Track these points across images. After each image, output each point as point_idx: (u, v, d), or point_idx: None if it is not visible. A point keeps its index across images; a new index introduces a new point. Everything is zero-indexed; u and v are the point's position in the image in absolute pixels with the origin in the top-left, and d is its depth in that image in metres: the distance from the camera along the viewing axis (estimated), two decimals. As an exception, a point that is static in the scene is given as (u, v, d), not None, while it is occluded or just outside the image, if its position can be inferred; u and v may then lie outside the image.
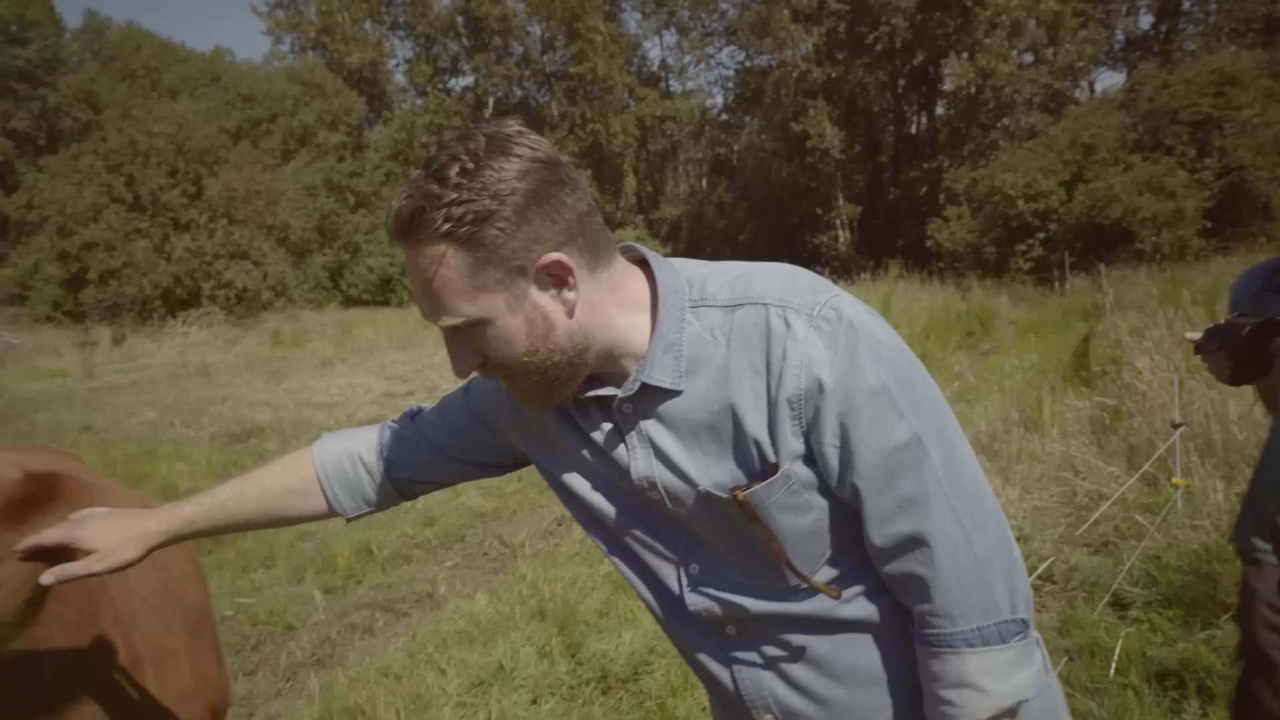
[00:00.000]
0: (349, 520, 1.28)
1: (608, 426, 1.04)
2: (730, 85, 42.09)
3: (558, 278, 0.93)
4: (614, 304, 0.98)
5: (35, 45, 33.84)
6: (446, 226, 0.87)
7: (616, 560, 1.14)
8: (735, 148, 45.32)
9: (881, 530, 0.93)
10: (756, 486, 0.93)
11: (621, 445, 1.03)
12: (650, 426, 1.00)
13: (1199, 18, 31.50)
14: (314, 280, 33.61)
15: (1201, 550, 3.65)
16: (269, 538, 5.36)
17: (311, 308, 30.22)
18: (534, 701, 3.05)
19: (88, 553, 1.13)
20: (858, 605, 1.00)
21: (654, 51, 42.45)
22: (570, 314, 0.95)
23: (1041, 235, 22.06)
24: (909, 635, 0.98)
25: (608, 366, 1.01)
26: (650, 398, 0.98)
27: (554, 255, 0.92)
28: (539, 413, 1.02)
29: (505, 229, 0.89)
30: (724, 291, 0.97)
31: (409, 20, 41.03)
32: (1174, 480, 4.08)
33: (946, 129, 33.52)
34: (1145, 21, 34.06)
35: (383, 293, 35.77)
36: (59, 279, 25.44)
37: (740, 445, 0.95)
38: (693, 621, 1.08)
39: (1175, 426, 4.20)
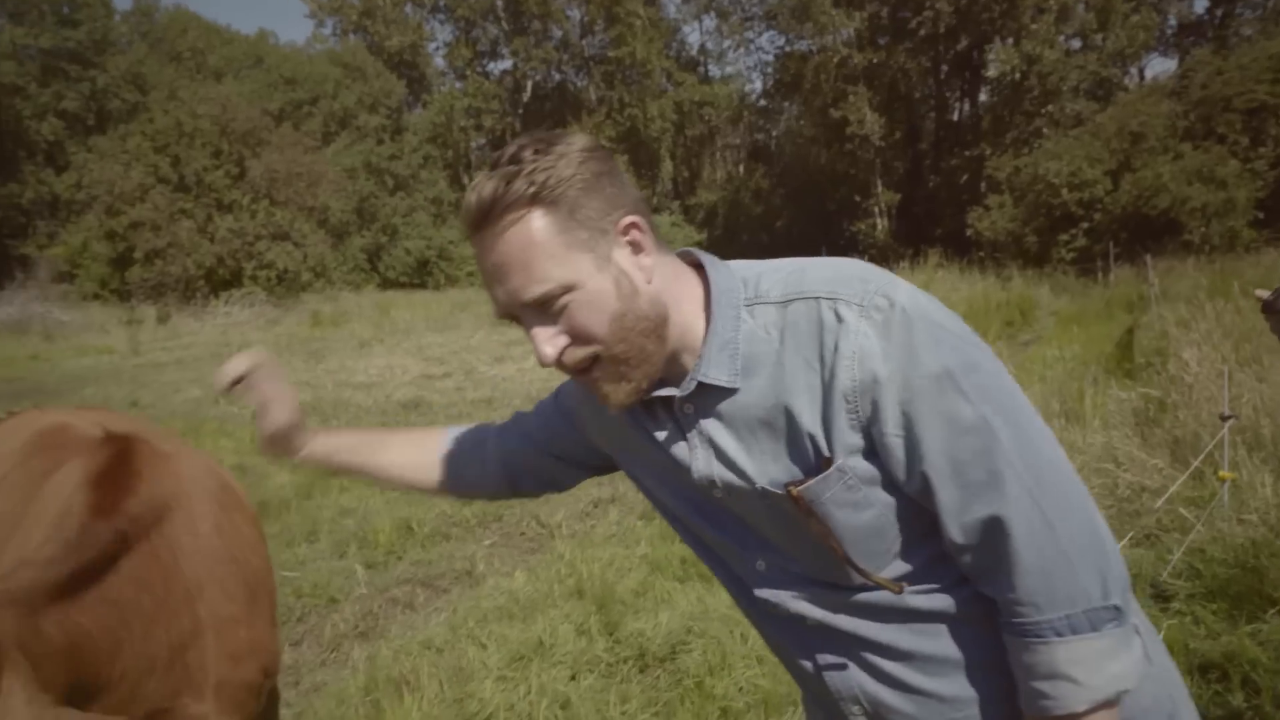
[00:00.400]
0: (459, 499, 1.36)
1: (672, 428, 1.05)
2: (769, 70, 41.72)
3: (634, 244, 0.95)
4: (677, 289, 0.99)
5: (86, 27, 34.48)
6: (532, 190, 0.90)
7: (700, 554, 1.16)
8: (773, 134, 44.98)
9: (957, 520, 0.90)
10: (810, 482, 0.92)
11: (684, 445, 1.04)
12: (710, 425, 1.00)
13: (1257, 2, 30.54)
14: (352, 262, 34.03)
15: (1248, 544, 3.59)
16: (312, 513, 5.48)
17: (350, 289, 30.63)
18: (573, 677, 3.09)
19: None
20: (933, 598, 0.97)
21: (693, 36, 42.22)
22: (649, 280, 0.96)
23: (1085, 225, 21.63)
24: (994, 623, 0.95)
25: (670, 365, 1.01)
26: (708, 396, 0.99)
27: (631, 218, 0.95)
28: (617, 408, 1.00)
29: (585, 190, 0.92)
30: (777, 288, 0.96)
31: (449, 4, 41.18)
32: (1221, 474, 4.01)
33: (989, 116, 32.93)
34: (1200, 6, 33.18)
35: (419, 275, 36.11)
36: (106, 258, 26.06)
37: (795, 441, 0.94)
38: (770, 616, 1.08)
39: (1224, 419, 4.12)
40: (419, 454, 1.34)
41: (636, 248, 0.96)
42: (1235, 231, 19.26)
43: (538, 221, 0.90)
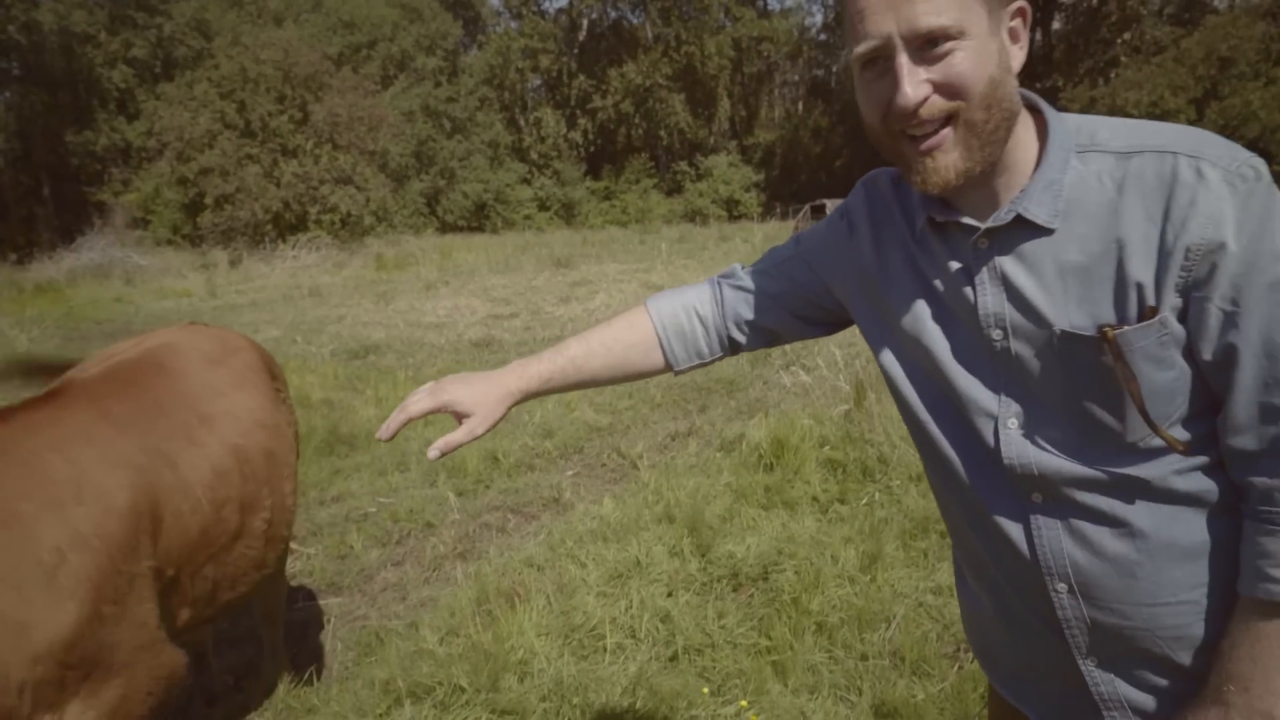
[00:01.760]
0: (678, 373, 1.33)
1: (955, 265, 1.04)
2: (830, 3, 40.37)
3: (1015, 32, 0.96)
4: (1020, 107, 0.99)
5: (151, -27, 34.92)
6: None
7: (926, 415, 1.12)
8: (834, 69, 43.75)
9: (1249, 398, 0.90)
10: (1129, 328, 0.92)
11: (969, 284, 1.03)
12: (1007, 264, 0.99)
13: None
14: (412, 206, 34.36)
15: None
16: (400, 444, 5.69)
17: (410, 233, 31.00)
18: (669, 594, 3.22)
19: (459, 417, 1.21)
20: (1194, 479, 0.96)
21: (752, -33, 40.86)
22: (1015, 72, 0.96)
23: (1167, 158, 20.72)
24: (1230, 516, 0.95)
25: (982, 190, 1.01)
26: (1015, 234, 0.98)
27: (1024, 3, 0.96)
28: (939, 186, 0.97)
29: None
30: (1118, 139, 0.96)
31: (504, -60, 40.62)
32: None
33: (1063, 45, 31.51)
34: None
35: (477, 219, 36.35)
36: (178, 203, 26.75)
37: (1119, 287, 0.93)
38: (999, 481, 1.05)
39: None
40: (629, 350, 1.31)
41: (1015, 36, 0.96)
42: (1329, 163, 18.29)
43: None
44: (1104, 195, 0.94)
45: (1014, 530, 1.05)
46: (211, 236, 25.27)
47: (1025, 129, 1.00)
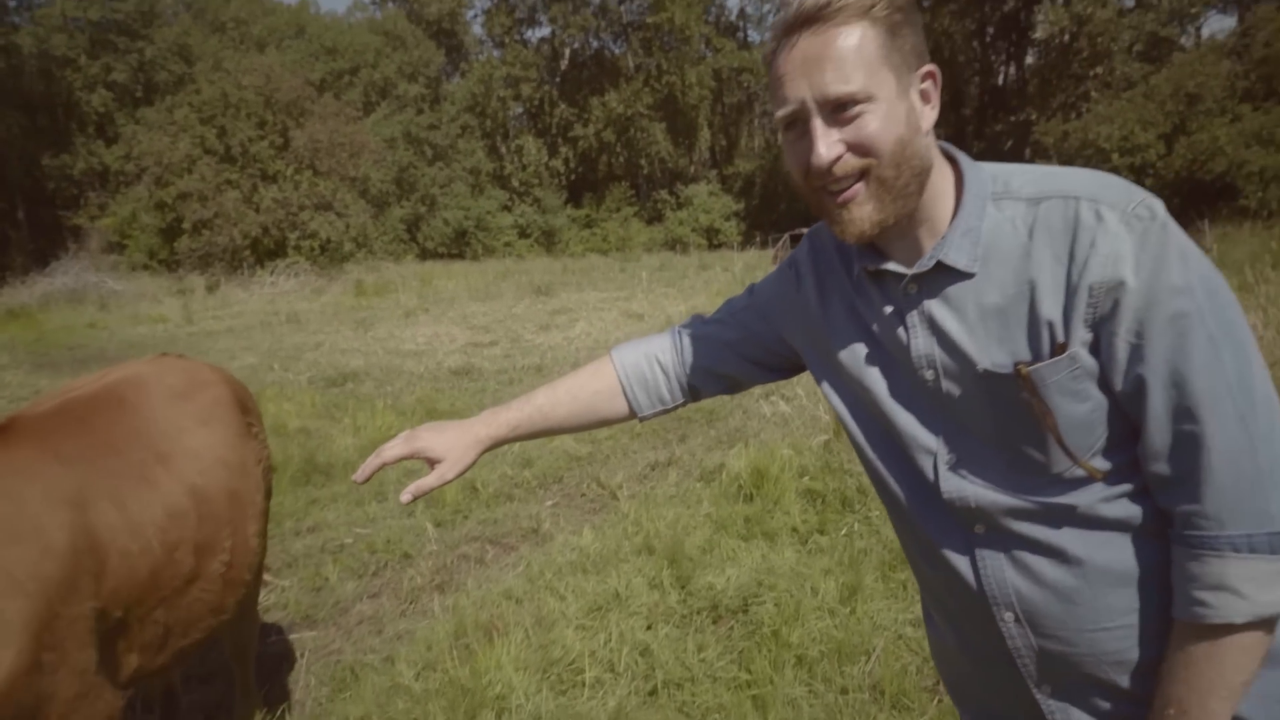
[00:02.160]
0: (642, 419, 1.39)
1: (888, 310, 1.10)
2: (809, 34, 40.94)
3: (926, 93, 1.03)
4: (936, 160, 1.06)
5: (133, 0, 34.92)
6: (879, 8, 0.97)
7: (873, 455, 1.18)
8: (813, 100, 44.26)
9: (1161, 427, 0.94)
10: (1041, 364, 0.97)
11: (901, 326, 1.09)
12: (934, 307, 1.05)
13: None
14: (392, 232, 34.34)
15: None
16: (378, 474, 5.62)
17: (390, 259, 30.95)
18: (649, 627, 3.20)
19: (431, 463, 1.27)
20: (1120, 505, 1.00)
21: (732, 1, 41.49)
22: (927, 131, 1.02)
23: (1137, 190, 21.14)
24: (1165, 541, 0.98)
25: (905, 239, 1.07)
26: (939, 279, 1.04)
27: (932, 67, 1.03)
28: (856, 237, 1.04)
29: (905, 23, 1.00)
30: (1029, 186, 1.02)
31: (486, -29, 41.02)
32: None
33: (1036, 79, 32.18)
34: (1260, -38, 31.85)
35: (458, 246, 36.36)
36: (155, 228, 26.59)
37: (1032, 326, 0.98)
38: (941, 517, 1.10)
39: (1295, 383, 4.09)
40: (595, 397, 1.38)
41: (926, 97, 1.03)
42: (1294, 197, 18.72)
43: (865, 32, 0.97)
44: (1017, 240, 1.00)
45: (961, 562, 1.10)
46: (189, 262, 25.11)
47: (943, 179, 1.06)
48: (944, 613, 1.20)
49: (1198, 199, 19.51)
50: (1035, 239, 0.99)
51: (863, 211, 1.01)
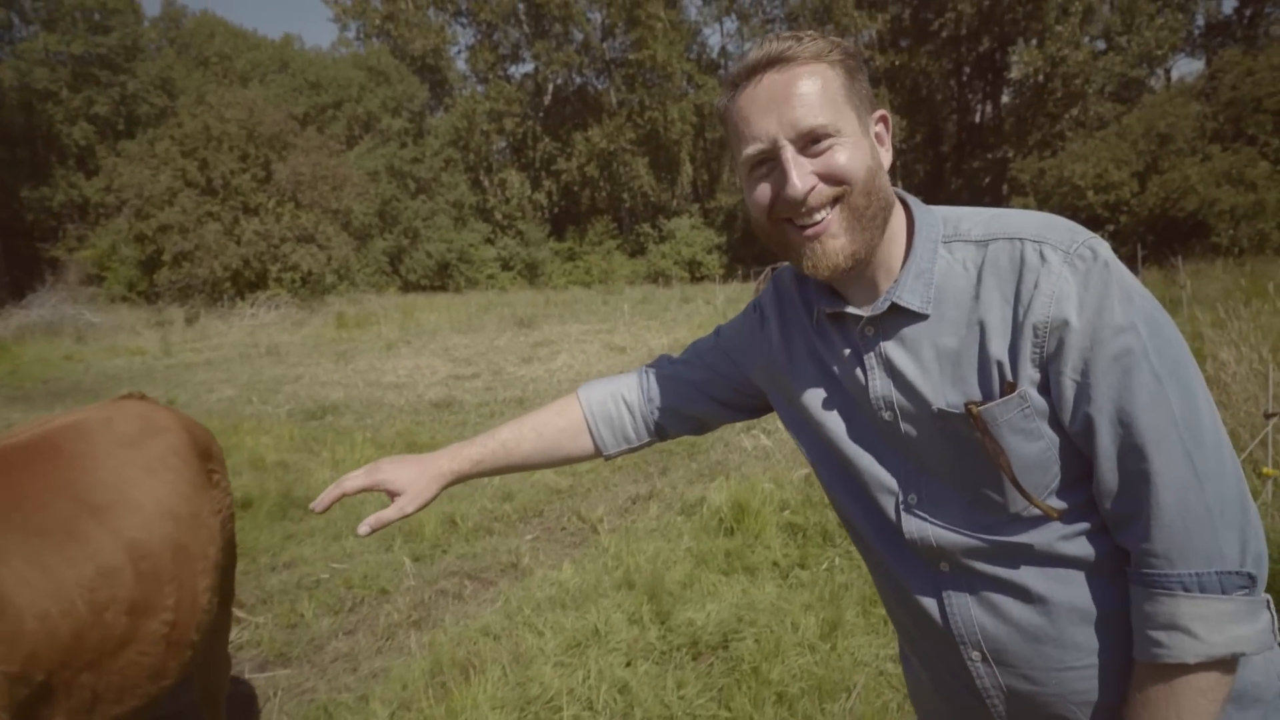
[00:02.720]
0: (607, 458, 1.38)
1: (847, 351, 1.12)
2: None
3: (879, 135, 1.07)
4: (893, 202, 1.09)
5: (117, 34, 35.02)
6: (835, 54, 1.02)
7: (839, 496, 1.19)
8: (793, 136, 44.85)
9: (1111, 465, 0.95)
10: (992, 404, 0.98)
11: (859, 368, 1.10)
12: (891, 349, 1.06)
13: (1285, 2, 30.24)
14: (374, 265, 34.30)
15: (1293, 541, 3.62)
16: (355, 507, 5.58)
17: (373, 291, 30.89)
18: (628, 664, 3.16)
19: (391, 495, 1.25)
20: (1079, 543, 1.00)
21: (714, 38, 42.26)
22: (886, 169, 1.06)
23: (1111, 227, 21.56)
24: (1125, 577, 0.99)
25: (862, 282, 1.09)
26: (894, 320, 1.06)
27: (884, 112, 1.07)
28: (828, 271, 1.04)
29: (860, 71, 1.05)
30: (978, 229, 1.04)
31: (471, 7, 41.50)
32: (1265, 470, 4.03)
33: (1012, 118, 32.81)
34: (1228, 6, 32.85)
35: (440, 278, 36.36)
36: (135, 260, 26.39)
37: (981, 366, 1.00)
38: (908, 557, 1.11)
39: (1268, 417, 4.14)
40: (560, 434, 1.36)
41: (880, 140, 1.07)
42: (1265, 234, 19.08)
43: (830, 72, 1.01)
44: (968, 281, 1.02)
45: (928, 601, 1.11)
46: (168, 294, 24.93)
47: (898, 221, 1.09)
48: (917, 652, 1.21)
49: (1171, 236, 19.88)
50: (984, 280, 1.00)
51: (836, 244, 1.02)
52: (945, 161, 36.22)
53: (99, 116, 34.68)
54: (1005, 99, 34.70)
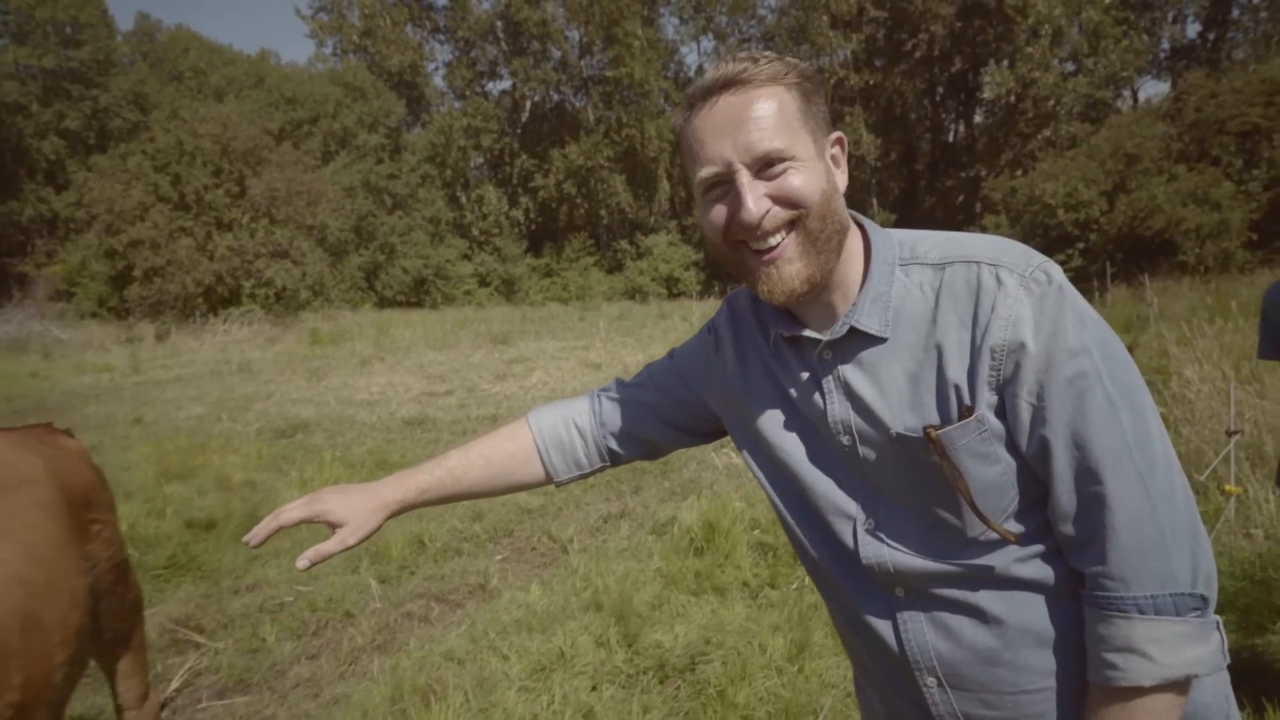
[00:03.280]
0: (558, 484, 1.35)
1: (805, 375, 1.11)
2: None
3: (835, 157, 1.06)
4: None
5: (89, 47, 34.67)
6: (784, 72, 1.00)
7: (793, 521, 1.17)
8: (769, 154, 45.19)
9: (1066, 488, 0.95)
10: (950, 427, 0.98)
11: (818, 392, 1.09)
12: (849, 372, 1.06)
13: (1248, 26, 30.97)
14: (350, 280, 34.07)
15: (1255, 558, 3.65)
16: (322, 529, 5.49)
17: (348, 307, 30.66)
18: (594, 688, 3.12)
19: (332, 526, 1.20)
20: (1035, 566, 1.00)
21: (691, 57, 42.60)
22: (842, 192, 1.05)
23: (1081, 245, 21.84)
24: (1081, 600, 0.99)
25: (820, 306, 1.08)
26: (853, 344, 1.05)
27: (840, 134, 1.07)
28: (785, 296, 1.02)
29: (816, 94, 1.04)
30: (934, 251, 1.04)
31: (449, 24, 41.51)
32: (1227, 488, 4.07)
33: (985, 137, 33.26)
34: (1192, 30, 33.60)
35: (416, 294, 36.16)
36: (105, 276, 26.03)
37: (941, 389, 0.99)
38: (863, 581, 1.10)
39: (1230, 434, 4.19)
40: (509, 460, 1.33)
41: (836, 162, 1.06)
42: (1229, 253, 19.41)
43: (785, 95, 1.00)
44: (925, 304, 1.02)
45: (883, 626, 1.10)
46: (139, 310, 24.60)
47: (855, 244, 1.08)
48: (871, 682, 1.20)
49: (1139, 254, 20.17)
50: (941, 303, 1.01)
51: (792, 269, 1.01)
52: (919, 179, 36.61)
53: (70, 131, 34.27)
54: (978, 119, 35.19)
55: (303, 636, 4.03)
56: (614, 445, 1.34)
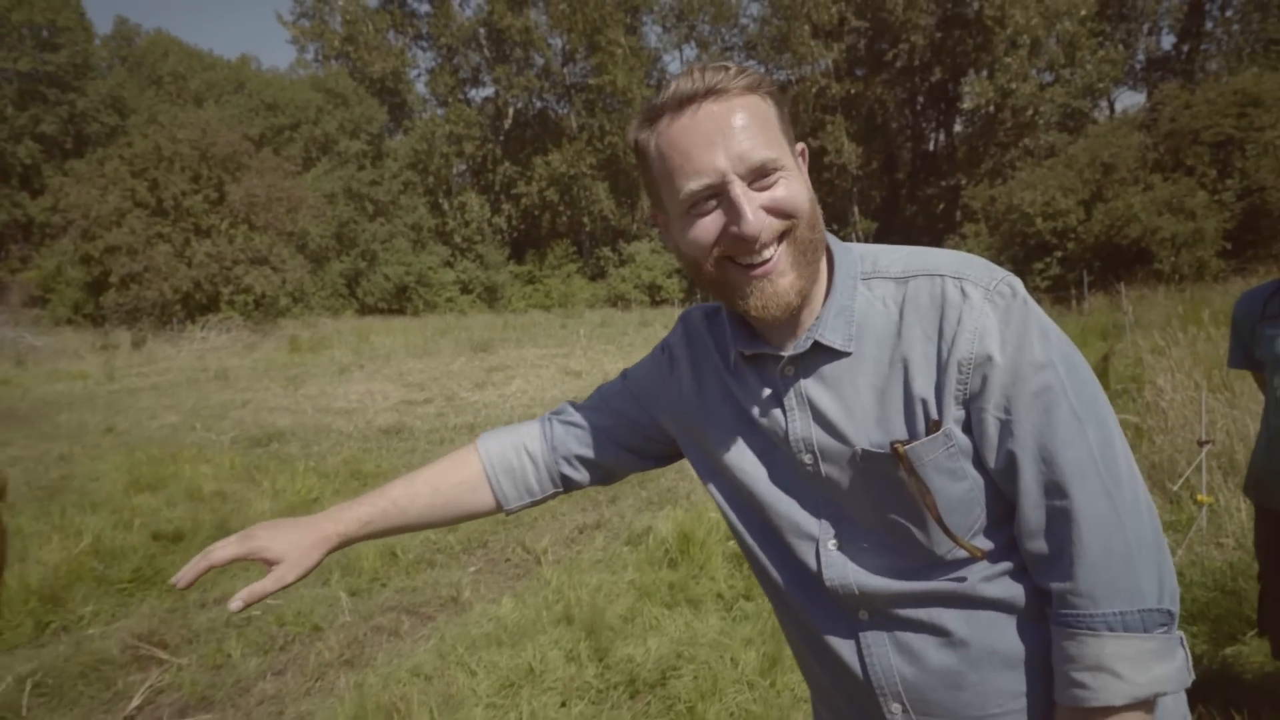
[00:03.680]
0: (509, 513, 1.29)
1: (766, 392, 1.07)
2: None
3: (801, 168, 1.03)
4: None
5: (66, 51, 34.34)
6: (765, 86, 0.98)
7: (752, 543, 1.13)
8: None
9: (1034, 503, 0.94)
10: (917, 442, 0.95)
11: (779, 409, 1.06)
12: (810, 388, 1.03)
13: (1221, 38, 31.44)
14: (331, 287, 33.87)
15: (1226, 567, 3.66)
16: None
17: (328, 314, 30.47)
18: (563, 704, 3.08)
19: (268, 564, 1.12)
20: (1001, 585, 0.98)
21: (674, 65, 42.65)
22: (815, 203, 1.02)
23: (1059, 254, 22.03)
24: (1048, 620, 0.97)
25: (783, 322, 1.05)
26: (816, 359, 1.02)
27: (802, 145, 1.04)
28: (780, 309, 0.98)
29: (785, 104, 1.01)
30: (897, 265, 1.02)
31: (432, 31, 41.44)
32: (1199, 497, 4.08)
33: (964, 146, 33.53)
34: (1167, 42, 34.05)
35: (398, 301, 35.98)
36: (81, 282, 25.74)
37: (906, 404, 0.97)
38: (826, 602, 1.07)
39: (1201, 444, 4.20)
40: (456, 489, 1.26)
41: (802, 172, 1.04)
42: (1204, 261, 19.65)
43: (765, 104, 0.97)
44: (889, 318, 1.00)
45: (846, 650, 1.07)
46: (116, 316, 24.32)
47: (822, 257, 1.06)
48: (831, 707, 1.17)
49: (1116, 263, 20.37)
50: (905, 317, 0.99)
51: (786, 281, 0.97)
52: (901, 188, 36.85)
53: (46, 135, 33.90)
54: (958, 128, 35.48)
55: (269, 652, 3.96)
56: (567, 470, 1.28)
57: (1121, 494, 0.92)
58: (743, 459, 1.11)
